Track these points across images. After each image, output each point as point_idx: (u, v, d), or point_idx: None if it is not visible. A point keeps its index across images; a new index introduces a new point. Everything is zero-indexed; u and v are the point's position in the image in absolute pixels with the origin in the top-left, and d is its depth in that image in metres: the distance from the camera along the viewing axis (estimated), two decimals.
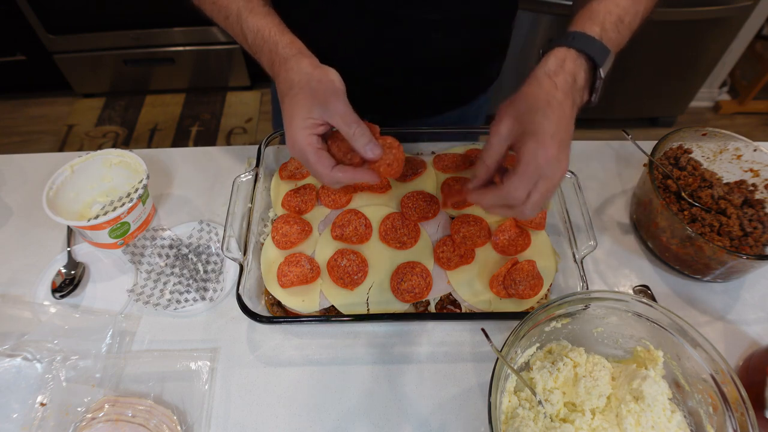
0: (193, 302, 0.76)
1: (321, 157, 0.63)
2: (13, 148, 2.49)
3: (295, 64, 0.63)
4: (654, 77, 2.24)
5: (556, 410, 0.60)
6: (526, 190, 0.56)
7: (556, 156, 0.55)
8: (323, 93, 0.60)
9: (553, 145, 0.54)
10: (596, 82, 0.59)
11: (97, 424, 0.62)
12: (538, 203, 0.57)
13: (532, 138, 0.55)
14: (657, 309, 0.60)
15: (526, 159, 0.55)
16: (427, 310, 0.74)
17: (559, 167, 0.56)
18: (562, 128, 0.56)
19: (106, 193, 0.87)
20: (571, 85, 0.58)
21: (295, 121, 0.62)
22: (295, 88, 0.62)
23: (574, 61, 0.59)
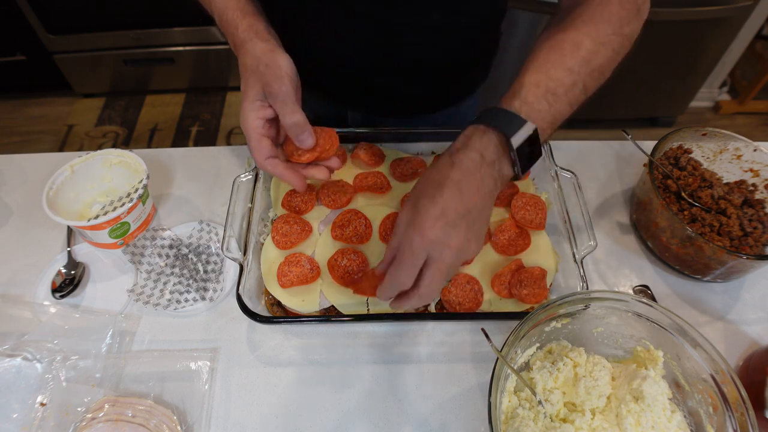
0: (193, 302, 0.76)
1: (260, 144, 0.65)
2: (13, 148, 2.49)
3: (251, 47, 0.64)
4: (654, 77, 2.24)
5: (556, 410, 0.60)
6: (407, 276, 0.55)
7: (438, 237, 0.53)
8: (270, 77, 0.62)
9: (433, 228, 0.53)
10: (512, 154, 0.56)
11: (97, 424, 0.62)
12: (431, 285, 0.56)
13: (410, 225, 0.55)
14: (657, 309, 0.60)
15: (402, 245, 0.55)
16: (427, 310, 0.74)
17: (447, 247, 0.54)
18: (455, 207, 0.54)
19: (106, 193, 0.87)
20: (477, 162, 0.55)
21: (244, 104, 0.64)
22: (248, 72, 0.64)
23: (480, 137, 0.56)
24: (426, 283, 0.56)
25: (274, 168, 0.66)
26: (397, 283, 0.56)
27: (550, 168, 0.83)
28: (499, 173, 0.57)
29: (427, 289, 0.56)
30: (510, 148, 0.55)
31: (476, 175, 0.55)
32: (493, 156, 0.56)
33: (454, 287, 0.73)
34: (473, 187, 0.55)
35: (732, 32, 2.09)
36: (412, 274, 0.55)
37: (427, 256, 0.55)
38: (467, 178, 0.55)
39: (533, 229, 0.79)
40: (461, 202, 0.54)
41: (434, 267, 0.55)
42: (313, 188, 0.83)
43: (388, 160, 0.89)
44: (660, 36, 2.02)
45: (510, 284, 0.73)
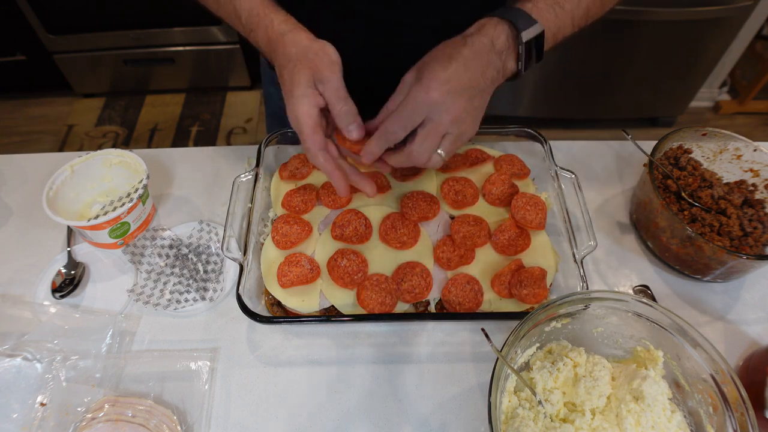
0: (193, 302, 0.76)
1: (315, 133, 0.62)
2: (13, 148, 2.49)
3: (292, 37, 0.63)
4: (654, 77, 2.24)
5: (556, 410, 0.60)
6: (401, 129, 0.58)
7: (441, 99, 0.56)
8: (320, 64, 0.61)
9: (438, 90, 0.56)
10: (519, 48, 0.60)
11: (97, 424, 0.62)
12: (425, 145, 0.58)
13: (418, 82, 0.57)
14: (657, 309, 0.60)
15: (406, 99, 0.58)
16: (427, 310, 0.74)
17: (446, 112, 0.57)
18: (460, 79, 0.57)
19: (106, 193, 0.87)
20: (487, 47, 0.59)
21: (295, 91, 0.61)
22: (293, 60, 0.62)
23: (494, 27, 0.60)
24: (419, 140, 0.58)
25: (325, 162, 0.64)
26: (390, 133, 0.58)
27: (550, 168, 0.83)
28: (503, 64, 0.61)
29: (418, 147, 0.58)
30: (519, 41, 0.59)
31: (484, 57, 0.59)
32: (503, 45, 0.60)
33: (454, 287, 0.73)
34: (479, 67, 0.58)
35: (732, 32, 2.09)
36: (407, 127, 0.58)
37: (425, 118, 0.57)
38: (476, 57, 0.58)
39: (533, 229, 0.79)
40: (467, 76, 0.57)
41: (430, 127, 0.57)
42: (313, 188, 0.83)
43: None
44: (660, 36, 2.02)
45: (510, 284, 0.73)
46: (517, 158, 0.89)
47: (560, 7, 0.63)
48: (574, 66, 2.18)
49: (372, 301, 0.71)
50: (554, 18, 0.63)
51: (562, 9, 0.63)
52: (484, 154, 0.89)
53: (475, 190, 0.84)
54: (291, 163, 0.87)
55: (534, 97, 2.37)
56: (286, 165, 0.87)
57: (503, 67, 0.61)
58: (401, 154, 0.61)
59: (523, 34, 0.59)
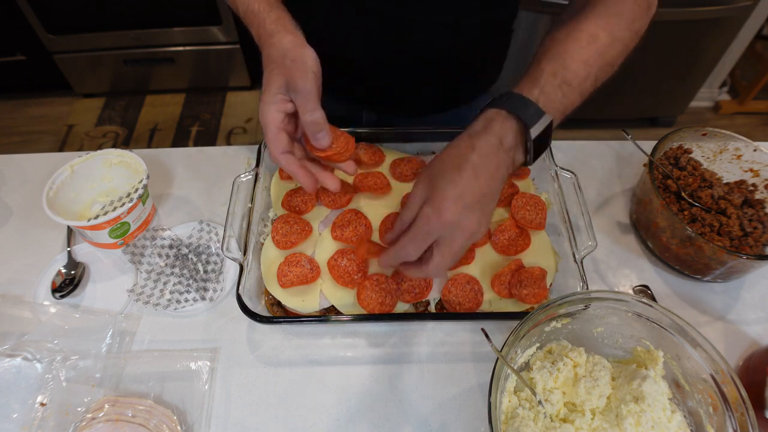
0: (193, 302, 0.76)
1: (277, 137, 0.64)
2: (13, 148, 2.49)
3: (278, 40, 0.63)
4: (654, 77, 2.24)
5: (556, 410, 0.60)
6: (415, 250, 0.57)
7: (455, 219, 0.55)
8: (295, 72, 0.61)
9: (451, 210, 0.55)
10: (528, 144, 0.58)
11: (97, 424, 0.62)
12: (441, 264, 0.58)
13: (429, 202, 0.56)
14: (657, 309, 0.60)
15: (418, 221, 0.57)
16: (427, 310, 0.74)
17: (460, 230, 0.56)
18: (472, 191, 0.56)
19: (106, 193, 0.87)
20: (495, 147, 0.57)
21: (265, 96, 0.63)
22: (272, 64, 0.63)
23: (501, 123, 0.58)
24: (436, 261, 0.58)
25: (287, 164, 0.66)
26: (404, 254, 0.59)
27: (550, 168, 0.83)
28: (513, 160, 0.59)
29: (436, 268, 0.58)
30: (528, 137, 0.57)
31: (493, 160, 0.57)
32: (511, 143, 0.58)
33: (454, 287, 0.73)
34: (490, 172, 0.57)
35: (732, 32, 2.09)
36: (421, 249, 0.58)
37: (438, 237, 0.57)
38: (485, 162, 0.57)
39: (533, 229, 0.79)
40: (478, 186, 0.56)
41: (445, 247, 0.57)
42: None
43: (388, 160, 0.89)
44: (660, 36, 2.02)
45: (510, 284, 0.73)
46: None
47: (567, 86, 0.61)
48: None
49: (372, 301, 0.71)
50: (562, 98, 0.61)
51: (569, 87, 0.61)
52: None
53: None
54: None
55: None
56: None
57: (512, 163, 0.60)
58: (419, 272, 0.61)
59: (532, 130, 0.57)
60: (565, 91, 0.60)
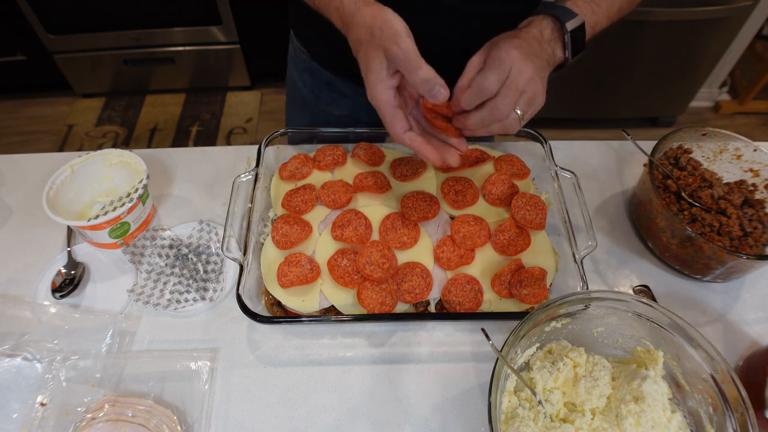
0: (193, 302, 0.76)
1: (395, 116, 0.63)
2: (13, 148, 2.49)
3: (360, 18, 0.62)
4: (654, 77, 2.25)
5: (556, 410, 0.60)
6: (493, 79, 0.60)
7: (519, 56, 0.61)
8: (386, 40, 0.60)
9: (514, 49, 0.61)
10: (565, 37, 0.68)
11: (97, 424, 0.62)
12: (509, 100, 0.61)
13: (495, 47, 0.62)
14: (657, 309, 0.60)
15: (491, 58, 0.62)
16: (427, 310, 0.74)
17: (522, 68, 0.61)
18: (527, 48, 0.63)
19: (106, 193, 0.87)
20: (537, 37, 0.66)
21: (371, 76, 0.62)
22: (363, 44, 0.62)
23: (540, 21, 0.68)
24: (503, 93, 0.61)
25: (412, 141, 0.64)
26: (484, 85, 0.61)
27: (550, 168, 0.83)
28: (552, 52, 0.68)
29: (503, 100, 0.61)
30: (564, 30, 0.67)
31: (535, 45, 0.66)
32: (549, 35, 0.68)
33: (454, 287, 0.73)
34: (535, 49, 0.65)
35: (732, 32, 2.10)
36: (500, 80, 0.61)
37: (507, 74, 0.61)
38: (530, 43, 0.65)
39: (533, 229, 0.79)
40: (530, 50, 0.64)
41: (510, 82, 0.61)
42: (313, 188, 0.83)
43: (388, 160, 0.89)
44: (660, 36, 2.02)
45: (510, 284, 0.73)
46: (517, 158, 0.89)
47: (596, 5, 0.72)
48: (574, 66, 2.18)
49: (372, 301, 0.71)
50: (591, 14, 0.71)
51: (598, 6, 0.72)
52: (484, 154, 0.89)
53: (475, 190, 0.84)
54: (291, 163, 0.87)
55: None
56: (286, 165, 0.87)
57: (552, 54, 0.68)
58: (484, 110, 0.63)
59: (567, 24, 0.67)
60: (593, 9, 0.71)
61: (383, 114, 0.63)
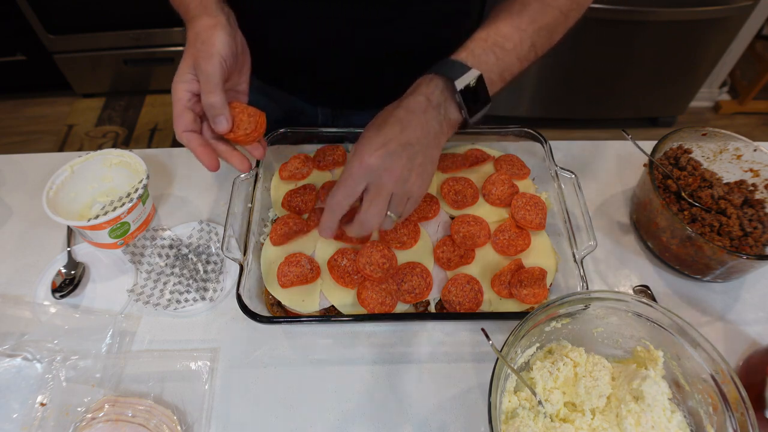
0: (193, 302, 0.76)
1: (182, 115, 0.65)
2: (13, 148, 2.49)
3: (196, 23, 0.64)
4: (654, 77, 2.25)
5: (556, 410, 0.60)
6: (345, 197, 0.60)
7: (377, 163, 0.57)
8: (200, 54, 0.62)
9: (374, 154, 0.57)
10: (456, 97, 0.61)
11: (97, 424, 0.62)
12: (375, 211, 0.60)
13: (353, 152, 0.60)
14: (657, 309, 0.60)
15: (344, 170, 0.60)
16: (427, 310, 0.74)
17: (387, 173, 0.58)
18: (397, 139, 0.58)
19: (106, 193, 0.87)
20: (423, 104, 0.60)
21: (176, 74, 0.64)
22: (187, 46, 0.65)
23: (427, 84, 0.62)
24: (365, 207, 0.60)
25: (189, 142, 0.66)
26: (335, 204, 0.60)
27: (550, 168, 0.83)
28: (445, 116, 0.62)
29: (365, 215, 0.60)
30: (454, 91, 0.60)
31: (421, 115, 0.60)
32: (439, 99, 0.61)
33: (454, 287, 0.73)
34: (417, 125, 0.59)
35: (732, 32, 2.10)
36: (350, 196, 0.60)
37: (366, 184, 0.59)
38: (411, 116, 0.60)
39: (533, 229, 0.79)
40: (403, 135, 0.58)
41: (373, 192, 0.59)
42: (313, 188, 0.83)
43: None
44: (660, 36, 2.02)
45: (510, 284, 0.73)
46: (517, 158, 0.89)
47: (500, 48, 0.64)
48: (574, 66, 2.18)
49: (372, 301, 0.71)
50: (495, 60, 0.63)
51: (502, 50, 0.64)
52: (484, 154, 0.89)
53: (475, 190, 0.84)
54: (291, 163, 0.87)
55: (534, 97, 2.37)
56: (286, 165, 0.87)
57: (446, 119, 0.62)
58: (354, 224, 0.62)
59: (457, 83, 0.60)
60: (498, 54, 0.64)
61: (174, 108, 0.65)
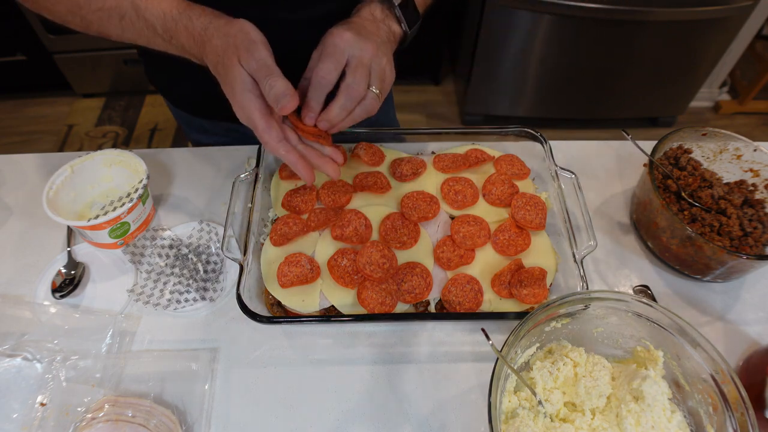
0: (193, 302, 0.76)
1: (269, 125, 0.61)
2: (13, 148, 2.49)
3: (214, 30, 0.61)
4: (654, 77, 2.25)
5: (556, 410, 0.60)
6: (333, 69, 0.62)
7: (355, 39, 0.62)
8: (241, 47, 0.58)
9: (348, 32, 0.63)
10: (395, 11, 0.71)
11: (97, 424, 0.62)
12: (359, 78, 0.63)
13: (332, 33, 0.64)
14: (657, 309, 0.60)
15: (328, 43, 0.63)
16: (427, 310, 0.74)
17: (363, 48, 0.63)
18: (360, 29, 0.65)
19: (106, 193, 0.87)
20: (369, 19, 0.69)
21: (236, 86, 0.59)
22: (221, 54, 0.60)
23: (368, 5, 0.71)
24: (350, 75, 0.63)
25: (287, 153, 0.63)
26: (322, 78, 0.62)
27: (550, 168, 0.83)
28: (389, 29, 0.71)
29: (352, 80, 0.63)
30: (393, 7, 0.71)
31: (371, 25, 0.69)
32: (381, 15, 0.71)
33: (454, 287, 0.73)
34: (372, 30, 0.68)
35: (732, 32, 2.10)
36: (337, 67, 0.62)
37: (347, 57, 0.63)
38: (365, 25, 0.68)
39: (533, 229, 0.79)
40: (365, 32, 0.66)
41: (354, 62, 0.63)
42: (313, 188, 0.83)
43: (387, 160, 0.89)
44: (660, 36, 2.03)
45: (510, 284, 0.73)
46: (517, 158, 0.89)
47: None
48: (574, 66, 2.18)
49: (372, 301, 0.71)
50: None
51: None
52: (484, 154, 0.89)
53: (475, 190, 0.84)
54: None
55: (534, 97, 2.37)
56: (286, 165, 0.87)
57: (390, 32, 0.71)
58: (340, 95, 0.64)
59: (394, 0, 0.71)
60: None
61: (255, 123, 0.60)
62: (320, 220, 0.78)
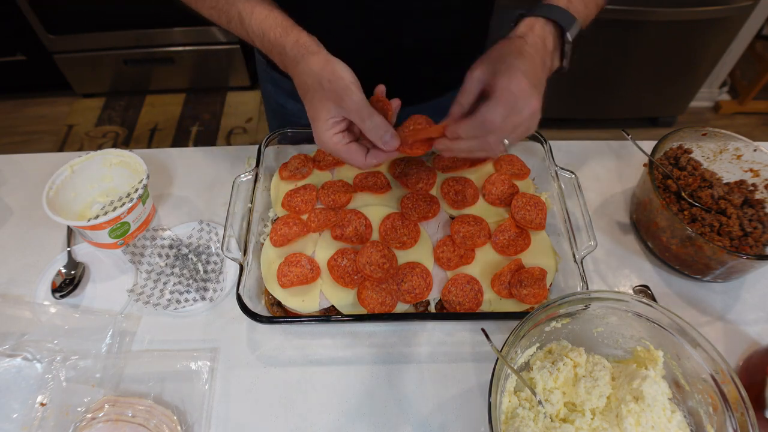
0: (193, 302, 0.76)
1: (352, 151, 0.65)
2: (13, 148, 2.49)
3: (305, 66, 0.63)
4: (654, 77, 2.24)
5: (556, 410, 0.60)
6: (501, 115, 0.58)
7: (528, 90, 0.58)
8: (335, 92, 0.61)
9: (525, 80, 0.58)
10: (564, 47, 0.65)
11: (97, 424, 0.62)
12: (505, 136, 0.60)
13: (505, 73, 0.58)
14: (657, 309, 0.60)
15: (500, 87, 0.58)
16: (427, 310, 0.74)
17: (529, 103, 0.58)
18: (534, 73, 0.59)
19: (106, 193, 0.87)
20: (540, 47, 0.63)
21: (318, 124, 0.64)
22: (311, 91, 0.63)
23: (542, 27, 0.64)
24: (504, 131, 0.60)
25: (378, 158, 0.66)
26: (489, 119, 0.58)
27: (550, 168, 0.83)
28: (551, 62, 0.66)
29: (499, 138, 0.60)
30: (565, 39, 0.64)
31: (540, 55, 0.63)
32: (552, 45, 0.65)
33: (454, 287, 0.73)
34: (539, 63, 0.62)
35: (732, 32, 2.09)
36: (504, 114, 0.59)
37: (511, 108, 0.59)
38: (536, 54, 0.62)
39: (533, 229, 0.79)
40: (533, 71, 0.60)
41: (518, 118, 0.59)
42: (313, 188, 0.83)
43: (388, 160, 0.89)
44: (660, 36, 2.02)
45: (510, 284, 0.73)
46: (517, 158, 0.89)
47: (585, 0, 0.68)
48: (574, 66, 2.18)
49: (372, 301, 0.71)
50: (584, 9, 0.68)
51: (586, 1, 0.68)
52: None
53: (475, 190, 0.84)
54: (291, 163, 0.87)
55: None
56: (286, 165, 0.87)
57: (551, 67, 0.66)
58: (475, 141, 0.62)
59: (569, 34, 0.64)
60: (587, 3, 0.68)
61: (340, 154, 0.65)
62: (320, 220, 0.78)
